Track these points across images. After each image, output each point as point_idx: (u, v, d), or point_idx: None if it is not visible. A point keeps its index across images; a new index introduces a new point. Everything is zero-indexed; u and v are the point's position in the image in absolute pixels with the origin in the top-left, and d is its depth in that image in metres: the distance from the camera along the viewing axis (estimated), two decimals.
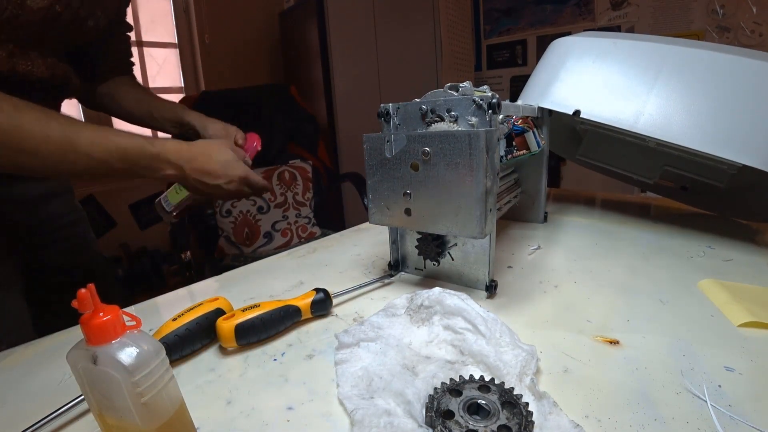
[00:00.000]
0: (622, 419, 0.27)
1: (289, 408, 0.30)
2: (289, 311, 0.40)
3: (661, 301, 0.43)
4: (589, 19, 2.04)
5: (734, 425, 0.26)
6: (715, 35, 1.75)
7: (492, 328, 0.34)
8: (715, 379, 0.30)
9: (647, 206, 0.83)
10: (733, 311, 0.39)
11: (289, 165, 1.60)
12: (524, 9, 2.23)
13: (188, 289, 0.58)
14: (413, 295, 0.40)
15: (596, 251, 0.58)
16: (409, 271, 0.53)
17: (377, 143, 0.45)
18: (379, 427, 0.26)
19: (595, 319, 0.40)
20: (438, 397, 0.27)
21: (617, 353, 0.34)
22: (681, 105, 0.53)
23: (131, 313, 0.23)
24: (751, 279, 0.47)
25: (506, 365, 0.31)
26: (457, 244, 0.47)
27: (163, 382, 0.23)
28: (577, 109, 0.59)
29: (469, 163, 0.39)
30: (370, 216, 0.48)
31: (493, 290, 0.45)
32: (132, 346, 0.22)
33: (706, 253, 0.56)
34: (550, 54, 0.70)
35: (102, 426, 0.24)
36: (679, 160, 0.69)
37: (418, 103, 0.45)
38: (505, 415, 0.26)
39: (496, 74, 2.39)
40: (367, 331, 0.37)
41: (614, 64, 0.60)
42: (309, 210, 1.59)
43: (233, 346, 0.37)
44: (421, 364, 0.33)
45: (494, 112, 0.41)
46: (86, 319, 0.21)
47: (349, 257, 0.62)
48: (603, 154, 0.80)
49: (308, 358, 0.36)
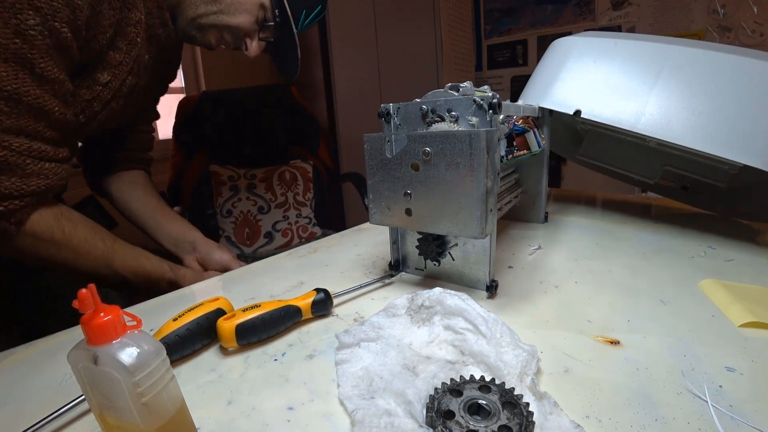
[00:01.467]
0: (622, 419, 0.27)
1: (289, 408, 0.30)
2: (290, 311, 0.40)
3: (662, 301, 0.43)
4: (589, 19, 2.04)
5: (735, 425, 0.26)
6: (716, 35, 1.75)
7: (493, 329, 0.34)
8: (716, 380, 0.30)
9: (648, 206, 0.83)
10: (734, 311, 0.39)
11: (290, 165, 1.60)
12: (525, 9, 2.22)
13: (189, 289, 0.58)
14: (414, 296, 0.40)
15: (597, 251, 0.58)
16: (410, 271, 0.53)
17: (378, 143, 0.45)
18: (380, 427, 0.26)
19: (596, 319, 0.40)
20: (438, 397, 0.27)
21: (618, 353, 0.34)
22: (682, 105, 0.53)
23: (132, 313, 0.23)
24: (752, 279, 0.47)
25: (507, 365, 0.31)
26: (457, 244, 0.47)
27: (163, 382, 0.23)
28: (578, 109, 0.59)
29: (469, 163, 0.39)
30: (370, 216, 0.48)
31: (494, 290, 0.45)
32: (133, 346, 0.22)
33: (707, 253, 0.56)
34: (551, 54, 0.70)
35: (103, 426, 0.24)
36: (680, 160, 0.69)
37: (418, 103, 0.45)
38: (506, 415, 0.26)
39: (496, 74, 2.39)
40: (368, 331, 0.37)
41: (615, 64, 0.60)
42: (310, 210, 1.59)
43: (234, 346, 0.37)
44: (422, 364, 0.33)
45: (495, 112, 0.41)
46: (87, 319, 0.21)
47: (350, 257, 0.62)
48: (604, 154, 0.80)
49: (309, 358, 0.36)
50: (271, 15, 0.70)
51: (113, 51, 0.59)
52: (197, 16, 0.66)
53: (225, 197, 1.49)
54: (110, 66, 0.60)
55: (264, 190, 1.53)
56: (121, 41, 0.59)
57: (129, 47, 0.60)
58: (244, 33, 0.70)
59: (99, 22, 0.54)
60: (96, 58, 0.58)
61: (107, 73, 0.60)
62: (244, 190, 1.51)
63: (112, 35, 0.57)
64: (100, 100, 0.61)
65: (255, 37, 0.71)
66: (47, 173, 0.53)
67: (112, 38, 0.58)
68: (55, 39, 0.48)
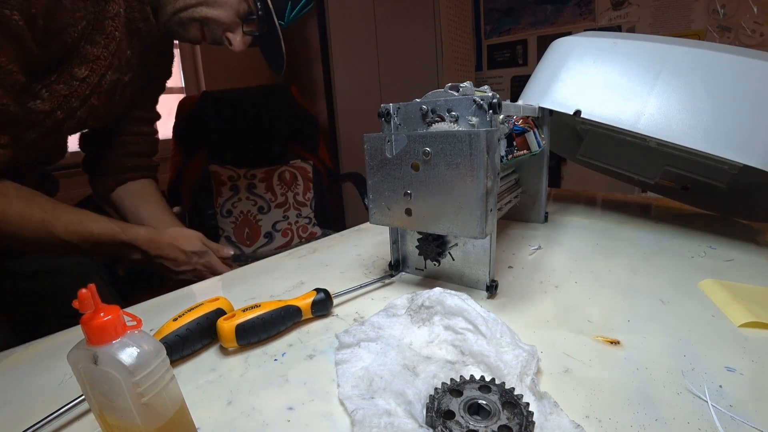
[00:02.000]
0: (622, 419, 0.27)
1: (289, 408, 0.30)
2: (290, 311, 0.40)
3: (662, 301, 0.43)
4: (589, 18, 2.04)
5: (735, 426, 0.26)
6: (716, 35, 1.75)
7: (493, 329, 0.34)
8: (716, 380, 0.30)
9: (648, 206, 0.83)
10: (734, 311, 0.39)
11: (290, 165, 1.60)
12: (525, 9, 2.22)
13: (189, 289, 0.58)
14: (414, 296, 0.40)
15: (597, 251, 0.58)
16: (410, 271, 0.53)
17: (378, 143, 0.45)
18: (380, 427, 0.26)
19: (596, 319, 0.40)
20: (438, 397, 0.27)
21: (618, 353, 0.34)
22: (682, 105, 0.53)
23: (132, 313, 0.23)
24: (752, 279, 0.47)
25: (507, 365, 0.31)
26: (457, 244, 0.47)
27: (163, 382, 0.23)
28: (578, 109, 0.59)
29: (469, 163, 0.39)
30: (370, 216, 0.48)
31: (494, 290, 0.45)
32: (133, 346, 0.22)
33: (707, 253, 0.56)
34: (551, 54, 0.70)
35: (103, 426, 0.24)
36: (680, 160, 0.69)
37: (418, 103, 0.45)
38: (506, 415, 0.26)
39: (496, 74, 2.39)
40: (368, 331, 0.37)
41: (615, 64, 0.60)
42: (309, 210, 1.59)
43: (234, 346, 0.37)
44: (422, 364, 0.33)
45: (495, 112, 0.41)
46: (87, 319, 0.21)
47: (350, 257, 0.62)
48: (604, 154, 0.80)
49: (309, 358, 0.36)
50: (254, 7, 0.69)
51: (90, 45, 0.58)
52: (177, 9, 0.65)
53: (225, 197, 1.49)
54: (87, 60, 0.58)
55: (264, 190, 1.53)
56: (98, 35, 0.58)
57: (107, 41, 0.59)
58: (225, 27, 0.69)
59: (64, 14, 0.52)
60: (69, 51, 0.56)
61: (84, 68, 0.59)
62: (244, 190, 1.51)
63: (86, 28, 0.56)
64: (77, 96, 0.60)
65: (238, 31, 0.70)
66: None
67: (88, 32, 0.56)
68: (4, 26, 0.47)
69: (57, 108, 0.58)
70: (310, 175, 1.61)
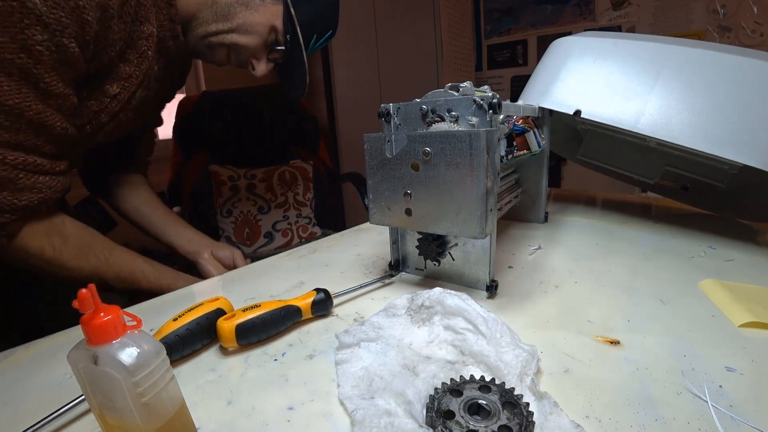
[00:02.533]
0: (622, 419, 0.27)
1: (289, 408, 0.30)
2: (290, 311, 0.40)
3: (662, 301, 0.43)
4: (589, 18, 2.04)
5: (735, 426, 0.26)
6: (716, 35, 1.75)
7: (493, 329, 0.34)
8: (716, 380, 0.30)
9: (648, 206, 0.83)
10: (734, 311, 0.39)
11: (290, 165, 1.60)
12: (525, 9, 2.22)
13: (189, 289, 0.58)
14: (414, 296, 0.40)
15: (597, 251, 0.58)
16: (410, 271, 0.53)
17: (378, 143, 0.45)
18: (380, 427, 0.26)
19: (596, 319, 0.40)
20: (438, 397, 0.27)
21: (618, 353, 0.34)
22: (682, 105, 0.53)
23: (132, 313, 0.23)
24: (752, 279, 0.47)
25: (507, 365, 0.31)
26: (457, 244, 0.47)
27: (163, 382, 0.23)
28: (578, 109, 0.59)
29: (469, 163, 0.39)
30: (370, 216, 0.48)
31: (494, 290, 0.45)
32: (133, 346, 0.22)
33: (707, 253, 0.56)
34: (551, 54, 0.70)
35: (103, 426, 0.24)
36: (680, 160, 0.69)
37: (418, 103, 0.45)
38: (506, 415, 0.26)
39: (496, 74, 2.39)
40: (368, 331, 0.37)
41: (615, 64, 0.60)
42: (309, 210, 1.59)
43: (234, 346, 0.37)
44: (422, 364, 0.33)
45: (495, 112, 0.41)
46: (87, 319, 0.21)
47: (350, 257, 0.62)
48: (604, 154, 0.80)
49: (309, 358, 0.36)
50: (283, 39, 0.70)
51: (123, 63, 0.59)
52: (208, 33, 0.66)
53: (225, 197, 1.49)
54: (120, 78, 0.59)
55: (264, 190, 1.53)
56: (132, 54, 0.59)
57: (140, 60, 0.60)
58: (251, 53, 0.70)
59: (108, 37, 0.53)
60: (105, 70, 0.57)
61: (116, 85, 0.59)
62: (244, 190, 1.51)
63: (122, 48, 0.57)
64: (107, 112, 0.60)
65: (263, 58, 0.71)
66: (41, 187, 0.52)
67: (123, 51, 0.57)
68: (62, 54, 0.48)
69: (87, 123, 0.59)
70: (310, 175, 1.61)
